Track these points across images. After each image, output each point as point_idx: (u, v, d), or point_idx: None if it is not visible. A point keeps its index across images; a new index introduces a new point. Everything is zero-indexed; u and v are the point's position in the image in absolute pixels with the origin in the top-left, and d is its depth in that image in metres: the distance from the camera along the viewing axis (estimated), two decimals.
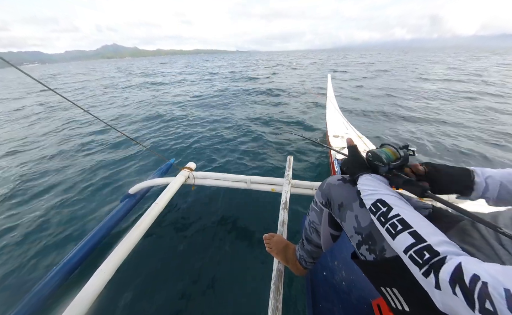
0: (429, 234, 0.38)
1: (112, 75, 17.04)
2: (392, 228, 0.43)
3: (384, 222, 0.45)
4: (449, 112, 4.51)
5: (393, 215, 0.44)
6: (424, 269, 0.35)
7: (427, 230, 0.40)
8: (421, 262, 0.36)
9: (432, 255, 0.35)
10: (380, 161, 0.58)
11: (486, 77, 8.99)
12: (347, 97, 6.18)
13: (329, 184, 0.69)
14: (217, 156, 2.91)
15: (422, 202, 0.61)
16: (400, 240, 0.41)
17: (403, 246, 0.40)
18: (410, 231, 0.40)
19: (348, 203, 0.61)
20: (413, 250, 0.38)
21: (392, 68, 13.70)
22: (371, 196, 0.51)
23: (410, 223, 0.41)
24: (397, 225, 0.42)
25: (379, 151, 0.61)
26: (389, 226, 0.44)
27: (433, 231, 0.39)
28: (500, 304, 0.25)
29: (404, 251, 0.39)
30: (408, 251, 0.38)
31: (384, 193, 0.50)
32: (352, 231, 0.58)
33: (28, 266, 1.49)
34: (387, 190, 0.52)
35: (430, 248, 0.36)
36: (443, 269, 0.32)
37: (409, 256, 0.38)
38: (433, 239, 0.37)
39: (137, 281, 1.29)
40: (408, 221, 0.42)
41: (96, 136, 3.96)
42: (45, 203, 2.14)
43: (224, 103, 5.99)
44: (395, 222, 0.43)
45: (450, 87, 6.99)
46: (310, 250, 0.81)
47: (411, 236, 0.39)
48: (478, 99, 5.54)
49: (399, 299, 0.46)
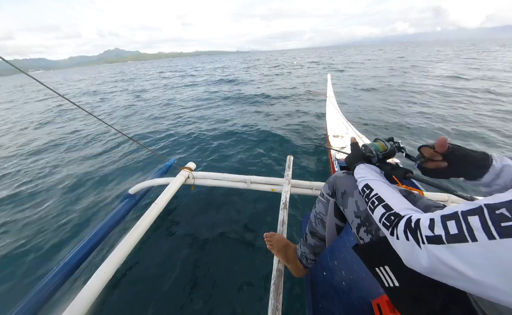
0: (397, 204, 0.47)
1: (114, 79, 17.03)
2: (372, 205, 0.52)
3: (367, 201, 0.54)
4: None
5: (372, 195, 0.54)
6: (390, 230, 0.43)
7: (396, 201, 0.48)
8: (388, 224, 0.44)
9: (396, 217, 0.43)
10: (370, 152, 0.70)
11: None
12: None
13: (335, 176, 0.78)
14: (217, 156, 2.91)
15: (433, 201, 0.64)
16: (377, 213, 0.49)
17: (378, 216, 0.48)
18: (383, 204, 0.49)
19: (349, 190, 0.69)
20: (384, 217, 0.46)
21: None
22: (361, 182, 0.60)
23: (384, 198, 0.50)
24: (374, 201, 0.52)
25: (370, 144, 0.72)
26: (370, 204, 0.53)
27: (401, 203, 0.47)
28: (424, 229, 0.35)
29: (379, 221, 0.47)
30: (381, 219, 0.46)
31: (370, 179, 0.59)
32: (353, 215, 0.65)
33: (28, 266, 1.49)
34: (375, 176, 0.60)
35: (395, 213, 0.44)
36: (400, 223, 0.41)
37: (382, 224, 0.46)
38: (399, 207, 0.46)
39: (137, 281, 1.29)
40: (382, 197, 0.51)
41: (97, 137, 3.96)
42: (45, 203, 2.14)
43: (224, 104, 6.00)
44: (373, 199, 0.52)
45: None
46: (313, 244, 0.83)
47: (383, 208, 0.48)
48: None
49: (390, 276, 0.51)
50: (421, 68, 10.86)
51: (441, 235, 0.32)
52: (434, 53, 21.54)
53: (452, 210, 0.33)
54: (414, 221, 0.38)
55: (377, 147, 0.70)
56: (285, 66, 16.82)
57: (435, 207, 0.60)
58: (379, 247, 0.53)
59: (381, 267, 0.54)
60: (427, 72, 9.64)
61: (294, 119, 4.29)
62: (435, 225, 0.33)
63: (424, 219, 0.36)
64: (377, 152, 0.69)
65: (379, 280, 0.55)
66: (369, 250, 0.58)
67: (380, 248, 0.53)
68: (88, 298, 0.82)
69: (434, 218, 0.35)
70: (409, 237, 0.37)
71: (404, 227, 0.39)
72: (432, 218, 0.35)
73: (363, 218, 0.61)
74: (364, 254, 0.61)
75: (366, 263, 0.60)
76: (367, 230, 0.59)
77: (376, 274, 0.56)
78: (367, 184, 0.57)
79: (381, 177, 0.61)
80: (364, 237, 0.60)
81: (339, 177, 0.75)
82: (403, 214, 0.43)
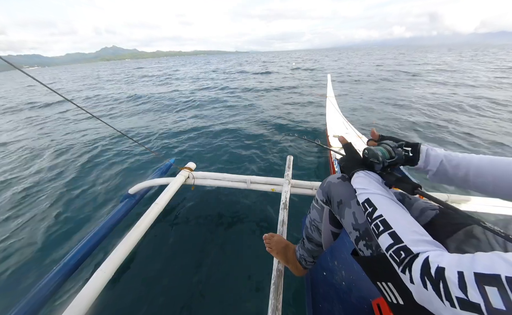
0: (407, 234, 0.41)
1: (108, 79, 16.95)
2: (376, 228, 0.46)
3: (370, 222, 0.49)
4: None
5: (376, 216, 0.47)
6: (401, 267, 0.38)
7: (405, 230, 0.42)
8: (398, 260, 0.39)
9: (407, 254, 0.38)
10: (376, 157, 0.58)
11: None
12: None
13: (329, 182, 0.70)
14: (217, 156, 2.91)
15: (429, 203, 0.61)
16: (382, 240, 0.44)
17: (384, 246, 0.43)
18: (390, 232, 0.43)
19: (346, 200, 0.62)
20: (392, 250, 0.40)
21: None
22: (361, 195, 0.54)
23: (391, 223, 0.44)
24: (379, 225, 0.45)
25: (376, 148, 0.60)
26: (374, 227, 0.47)
27: (412, 231, 0.41)
28: (453, 286, 0.28)
29: (386, 250, 0.42)
30: (389, 250, 0.41)
31: (372, 192, 0.52)
32: (351, 227, 0.60)
33: (27, 266, 1.49)
34: (377, 188, 0.53)
35: (405, 248, 0.38)
36: (415, 264, 0.35)
37: (389, 255, 0.41)
38: (409, 239, 0.39)
39: (137, 281, 1.29)
40: (389, 222, 0.44)
41: (96, 137, 3.96)
42: (44, 203, 2.14)
43: (224, 104, 5.99)
44: (378, 222, 0.46)
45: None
46: (311, 248, 0.82)
47: (390, 237, 0.42)
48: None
49: (394, 293, 0.48)
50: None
51: (479, 304, 0.25)
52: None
53: (490, 268, 0.26)
54: (435, 267, 0.32)
55: (383, 152, 0.59)
56: (281, 73, 13.00)
57: (431, 209, 0.59)
58: (381, 264, 0.49)
59: (383, 283, 0.51)
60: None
61: (294, 120, 4.29)
62: (468, 285, 0.27)
63: (450, 269, 0.29)
64: (383, 158, 0.58)
65: (380, 292, 0.53)
66: (370, 264, 0.55)
67: (383, 265, 0.49)
68: (88, 298, 0.82)
69: (463, 271, 0.28)
70: (428, 287, 0.32)
71: (421, 271, 0.33)
72: (461, 271, 0.28)
73: (362, 231, 0.56)
74: (364, 266, 0.58)
75: (367, 274, 0.57)
76: (367, 244, 0.55)
77: (378, 287, 0.53)
78: (369, 200, 0.51)
79: (383, 188, 0.54)
80: (363, 250, 0.56)
81: (334, 183, 0.68)
82: (416, 250, 0.37)
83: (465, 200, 1.33)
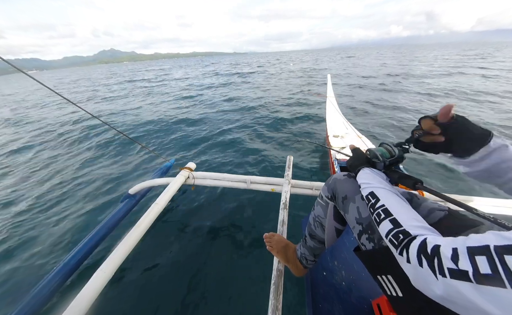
0: (406, 220, 0.43)
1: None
2: (377, 217, 0.48)
3: (372, 212, 0.51)
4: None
5: (379, 205, 0.49)
6: (399, 249, 0.40)
7: (405, 216, 0.44)
8: (396, 243, 0.41)
9: (405, 236, 0.40)
10: (376, 157, 0.65)
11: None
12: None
13: (335, 179, 0.74)
14: (217, 156, 2.91)
15: (438, 204, 0.61)
16: (383, 227, 0.46)
17: (384, 231, 0.45)
18: (390, 219, 0.45)
19: (351, 195, 0.65)
20: (391, 234, 0.43)
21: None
22: (365, 189, 0.56)
23: (392, 211, 0.46)
24: (381, 214, 0.48)
25: (376, 149, 0.67)
26: (375, 216, 0.49)
27: (411, 218, 0.43)
28: (446, 260, 0.30)
29: (385, 236, 0.44)
30: (388, 235, 0.43)
31: (376, 186, 0.55)
32: (354, 222, 0.62)
33: (27, 266, 1.49)
34: (381, 183, 0.56)
35: (404, 231, 0.41)
36: (412, 245, 0.37)
37: (389, 240, 0.43)
38: (408, 223, 0.42)
39: (137, 281, 1.29)
40: (390, 210, 0.47)
41: (97, 137, 3.96)
42: (44, 203, 2.14)
43: (224, 105, 6.00)
44: (380, 211, 0.48)
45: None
46: (313, 246, 0.82)
47: (390, 223, 0.44)
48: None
49: (393, 285, 0.49)
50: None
51: (467, 271, 0.28)
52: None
53: (481, 241, 0.28)
54: (431, 246, 0.34)
55: (383, 152, 0.65)
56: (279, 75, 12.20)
57: (439, 210, 0.58)
58: (382, 256, 0.51)
59: (383, 276, 0.52)
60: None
61: (294, 120, 4.29)
62: (460, 256, 0.29)
63: (445, 246, 0.32)
64: (383, 158, 0.64)
65: (380, 286, 0.54)
66: (371, 258, 0.57)
67: (384, 257, 0.50)
68: (88, 298, 0.82)
69: (457, 247, 0.30)
70: (423, 264, 0.33)
71: (417, 250, 0.35)
72: (455, 247, 0.30)
73: (365, 225, 0.58)
74: (366, 260, 0.59)
75: (368, 269, 0.59)
76: (369, 238, 0.56)
77: (378, 282, 0.55)
78: (373, 192, 0.53)
79: (387, 184, 0.57)
80: (366, 244, 0.57)
81: (340, 180, 0.71)
82: (414, 233, 0.39)
83: (465, 200, 1.33)
